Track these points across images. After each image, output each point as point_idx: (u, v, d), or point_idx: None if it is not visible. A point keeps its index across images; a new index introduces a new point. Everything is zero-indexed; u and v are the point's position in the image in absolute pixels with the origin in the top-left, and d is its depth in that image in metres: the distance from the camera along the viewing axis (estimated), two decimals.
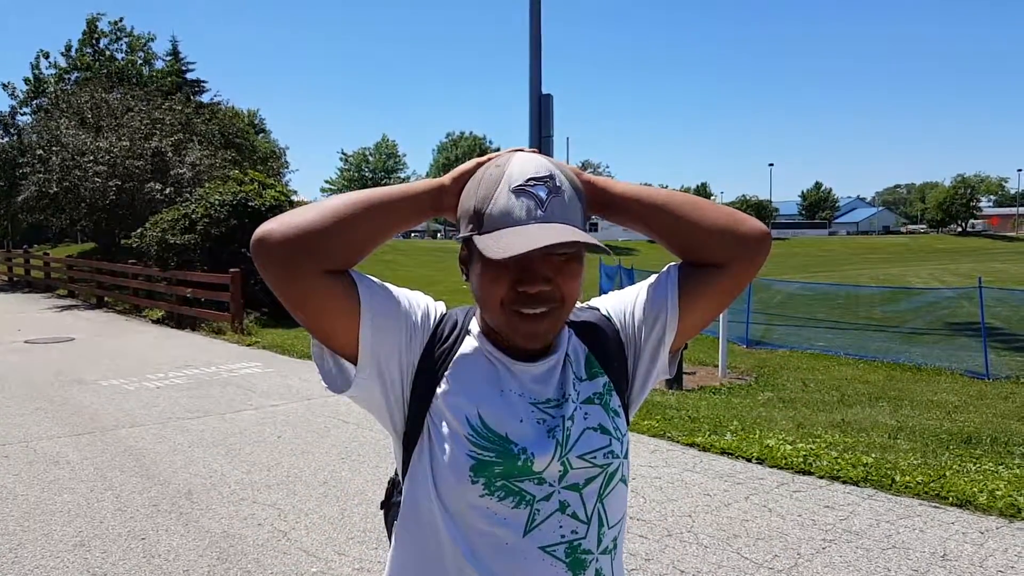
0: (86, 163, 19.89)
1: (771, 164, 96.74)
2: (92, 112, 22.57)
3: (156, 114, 22.85)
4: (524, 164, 1.07)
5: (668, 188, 1.31)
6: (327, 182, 76.08)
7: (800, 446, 5.34)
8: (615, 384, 1.19)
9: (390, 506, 1.29)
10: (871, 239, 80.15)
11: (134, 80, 33.03)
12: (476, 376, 1.12)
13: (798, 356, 10.53)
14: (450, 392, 1.11)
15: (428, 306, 1.18)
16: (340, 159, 75.63)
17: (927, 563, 3.58)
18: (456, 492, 1.08)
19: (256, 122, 43.93)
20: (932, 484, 4.53)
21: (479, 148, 67.44)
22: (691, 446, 5.55)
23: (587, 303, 1.29)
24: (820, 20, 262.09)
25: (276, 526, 4.18)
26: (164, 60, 38.49)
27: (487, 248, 1.02)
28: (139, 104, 23.44)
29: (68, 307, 17.46)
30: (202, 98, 36.18)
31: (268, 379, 8.52)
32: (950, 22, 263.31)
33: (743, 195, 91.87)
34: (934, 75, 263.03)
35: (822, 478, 4.80)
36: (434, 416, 1.11)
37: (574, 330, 1.20)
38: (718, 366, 8.97)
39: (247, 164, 23.57)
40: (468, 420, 1.09)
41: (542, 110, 8.73)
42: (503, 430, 1.08)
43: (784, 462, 5.06)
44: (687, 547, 3.81)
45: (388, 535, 1.27)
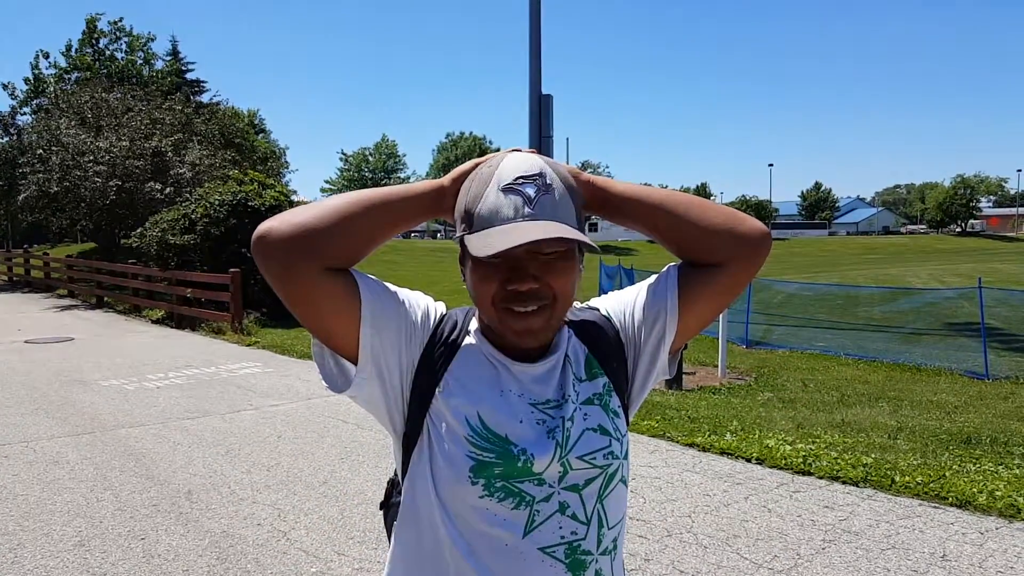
0: (86, 163, 19.90)
1: (771, 164, 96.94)
2: (92, 112, 22.58)
3: (156, 114, 22.86)
4: (515, 163, 1.08)
5: (668, 188, 1.31)
6: (327, 182, 76.17)
7: (800, 446, 5.34)
8: (615, 385, 1.18)
9: (390, 506, 1.29)
10: (871, 239, 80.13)
11: (134, 80, 33.04)
12: (476, 377, 1.12)
13: (798, 356, 10.53)
14: (450, 393, 1.11)
15: (428, 306, 1.18)
16: (340, 159, 75.80)
17: (927, 563, 3.58)
18: (456, 493, 1.08)
19: (256, 122, 43.94)
20: (932, 484, 4.53)
21: (479, 148, 67.41)
22: (691, 446, 5.55)
23: (587, 303, 1.29)
24: (820, 20, 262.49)
25: (276, 526, 4.18)
26: (164, 60, 38.54)
27: (473, 247, 1.03)
28: (139, 104, 23.46)
29: (68, 307, 17.46)
30: (202, 98, 36.22)
31: (268, 379, 8.53)
32: (950, 22, 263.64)
33: (743, 195, 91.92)
34: (934, 75, 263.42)
35: (822, 478, 4.80)
36: (434, 417, 1.11)
37: (574, 330, 1.20)
38: (718, 366, 8.97)
39: (247, 164, 23.56)
40: (468, 421, 1.09)
41: (542, 110, 8.73)
42: (503, 431, 1.08)
43: (784, 462, 5.06)
44: (687, 547, 3.81)
45: (388, 535, 1.26)
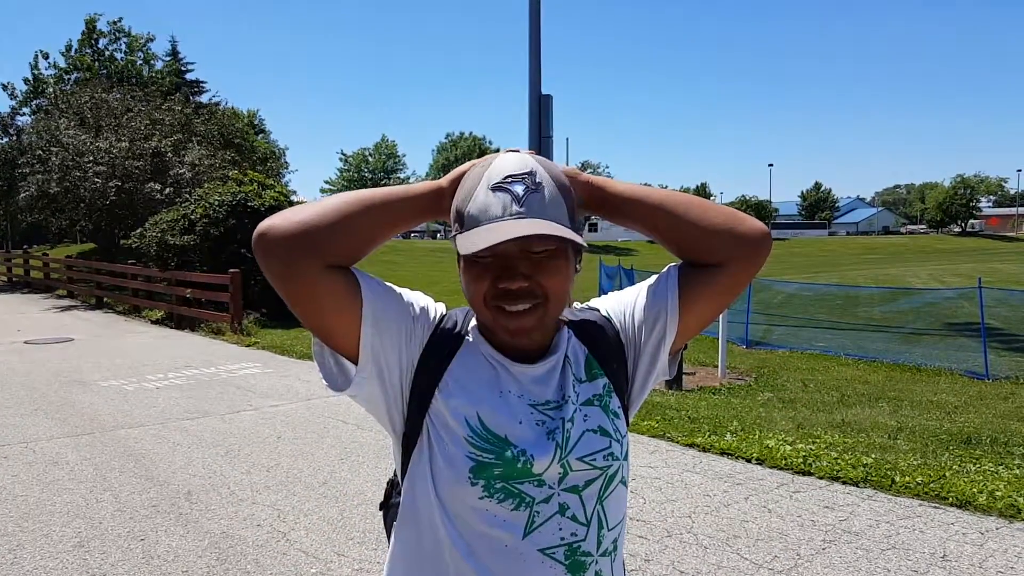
0: (86, 163, 19.90)
1: (771, 164, 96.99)
2: (92, 112, 22.58)
3: (156, 115, 22.86)
4: (505, 162, 1.08)
5: (668, 188, 1.30)
6: (327, 182, 76.18)
7: (800, 447, 5.34)
8: (615, 385, 1.18)
9: (389, 507, 1.29)
10: (871, 239, 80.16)
11: (133, 80, 33.06)
12: (475, 378, 1.12)
13: (798, 356, 10.52)
14: (449, 393, 1.11)
15: (429, 306, 1.18)
16: (340, 159, 75.82)
17: (927, 564, 3.58)
18: (456, 494, 1.07)
19: (256, 122, 43.96)
20: (932, 485, 4.53)
21: (479, 148, 67.40)
22: (691, 447, 5.55)
23: (587, 304, 1.29)
24: (820, 20, 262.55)
25: (275, 527, 4.18)
26: (163, 60, 38.57)
27: (461, 245, 1.03)
28: (139, 105, 23.46)
29: (67, 308, 17.46)
30: (201, 98, 36.24)
31: (267, 380, 8.52)
32: (950, 22, 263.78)
33: (743, 195, 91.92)
34: (934, 75, 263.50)
35: (822, 479, 4.80)
36: (433, 417, 1.11)
37: (574, 331, 1.20)
38: (718, 366, 8.96)
39: (247, 164, 23.56)
40: (467, 422, 1.08)
41: (542, 110, 8.72)
42: (502, 432, 1.08)
43: (784, 463, 5.06)
44: (687, 548, 3.81)
45: (387, 536, 1.26)
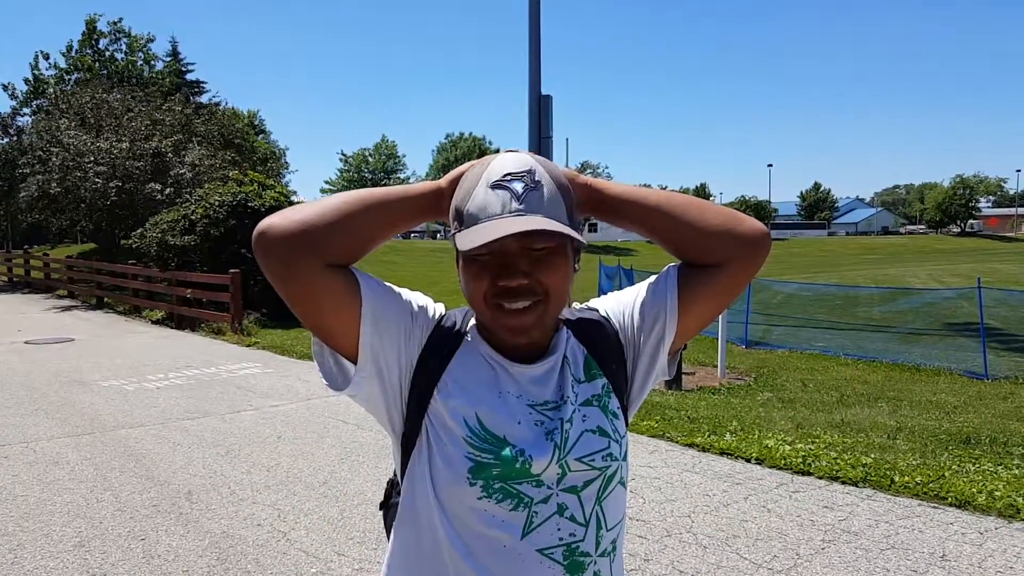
0: (86, 164, 19.90)
1: (770, 165, 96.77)
2: (92, 113, 22.58)
3: (156, 115, 22.87)
4: (504, 160, 1.08)
5: (667, 189, 1.31)
6: (327, 183, 76.16)
7: (799, 446, 5.34)
8: (614, 386, 1.18)
9: (389, 507, 1.29)
10: (870, 240, 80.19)
11: (134, 81, 33.06)
12: (474, 378, 1.12)
13: (797, 356, 10.52)
14: (448, 394, 1.11)
15: (428, 306, 1.18)
16: (340, 160, 75.80)
17: (926, 563, 3.58)
18: (454, 494, 1.08)
19: (256, 123, 43.96)
20: (931, 485, 4.54)
21: (479, 149, 67.34)
22: (690, 446, 5.56)
23: (586, 304, 1.29)
24: (820, 20, 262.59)
25: (276, 527, 4.18)
26: (164, 61, 38.57)
27: (460, 242, 1.03)
28: (139, 105, 23.47)
29: (68, 308, 17.46)
30: (201, 99, 36.24)
31: (268, 380, 8.53)
32: (950, 22, 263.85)
33: (742, 196, 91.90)
34: (934, 75, 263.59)
35: (821, 478, 4.81)
36: (432, 417, 1.11)
37: (573, 331, 1.20)
38: (717, 366, 8.97)
39: (247, 165, 23.56)
40: (466, 422, 1.09)
41: (542, 111, 8.72)
42: (501, 432, 1.08)
43: (783, 462, 5.06)
44: (686, 547, 3.82)
45: (387, 536, 1.26)
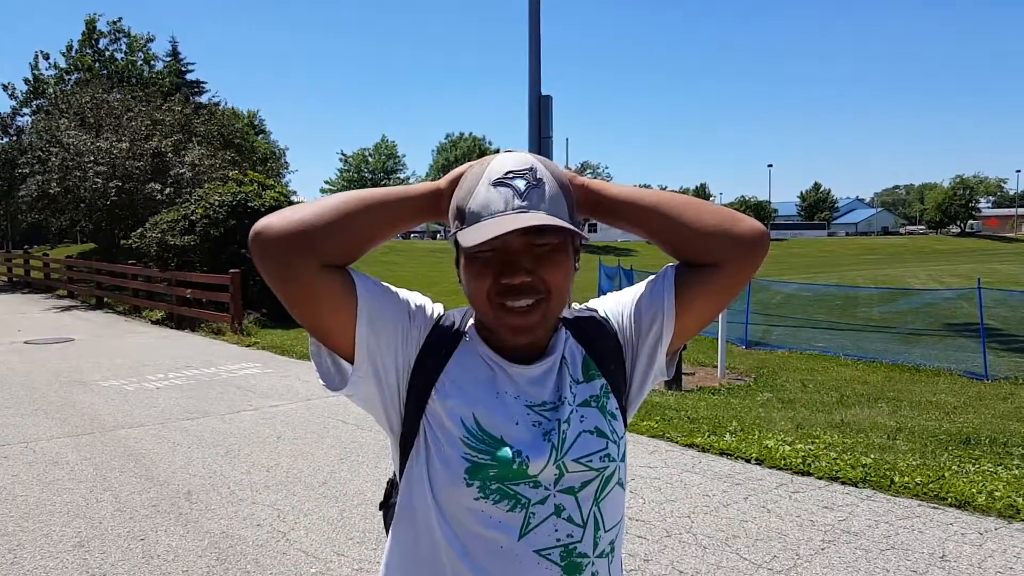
0: (86, 164, 19.90)
1: (770, 165, 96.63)
2: (92, 113, 22.58)
3: (156, 115, 22.86)
4: (505, 159, 1.09)
5: (666, 189, 1.31)
6: (327, 183, 76.11)
7: (799, 447, 5.34)
8: (613, 386, 1.18)
9: (389, 507, 1.29)
10: (870, 240, 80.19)
11: (134, 81, 33.06)
12: (472, 378, 1.12)
13: (797, 357, 10.52)
14: (446, 394, 1.11)
15: (426, 306, 1.18)
16: (340, 160, 75.75)
17: (926, 564, 3.58)
18: (451, 494, 1.08)
19: (256, 123, 43.95)
20: (931, 485, 4.54)
21: (479, 149, 67.30)
22: (690, 447, 5.56)
23: (585, 304, 1.29)
24: (820, 20, 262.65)
25: (275, 527, 4.18)
26: (164, 61, 38.56)
27: (463, 239, 1.03)
28: (139, 105, 23.46)
29: (68, 308, 17.46)
30: (201, 99, 36.23)
31: (267, 380, 8.52)
32: (950, 22, 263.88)
33: (742, 196, 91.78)
34: (933, 76, 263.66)
35: (821, 479, 4.80)
36: (430, 418, 1.11)
37: (571, 332, 1.20)
38: (717, 367, 8.97)
39: (246, 165, 23.56)
40: (463, 422, 1.09)
41: (541, 111, 8.72)
42: (498, 433, 1.08)
43: (783, 463, 5.06)
44: (686, 548, 3.81)
45: (387, 536, 1.27)
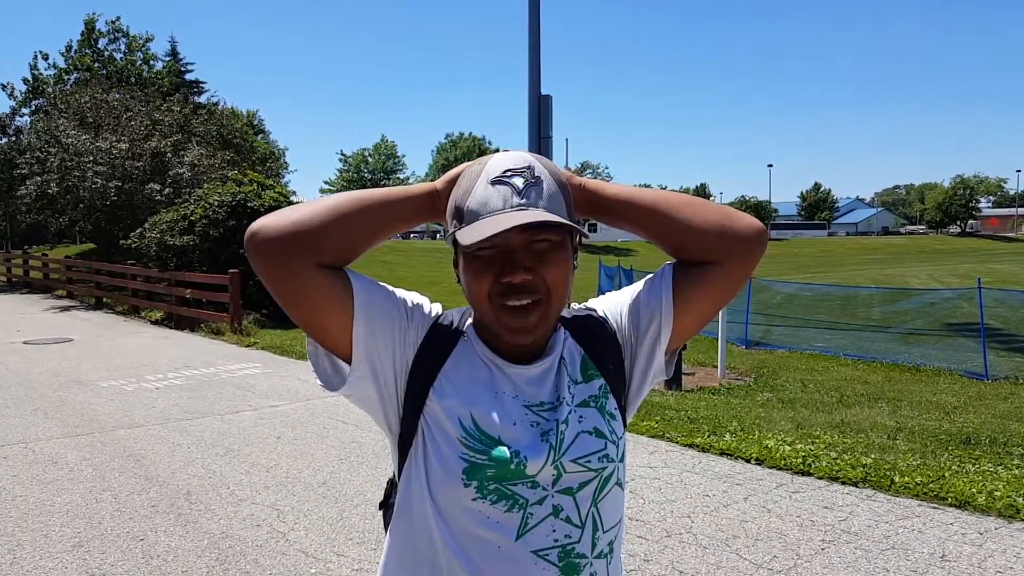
0: (85, 164, 19.88)
1: (770, 165, 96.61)
2: (92, 112, 22.56)
3: (155, 115, 22.85)
4: (503, 158, 1.09)
5: (666, 189, 1.31)
6: (326, 183, 75.95)
7: (799, 447, 5.34)
8: (611, 386, 1.18)
9: (388, 507, 1.28)
10: (870, 240, 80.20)
11: (133, 81, 33.03)
12: (470, 378, 1.12)
13: (797, 357, 10.52)
14: (443, 393, 1.11)
15: (424, 306, 1.18)
16: (339, 160, 75.65)
17: (926, 564, 3.58)
18: (449, 494, 1.07)
19: (255, 123, 43.91)
20: (931, 485, 4.53)
21: (479, 149, 67.29)
22: (690, 447, 5.55)
23: (583, 304, 1.29)
24: (819, 20, 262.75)
25: (275, 527, 4.18)
26: (163, 61, 38.54)
27: (462, 238, 1.03)
28: (138, 105, 23.45)
29: (67, 308, 17.45)
30: (200, 99, 36.21)
31: (267, 380, 8.52)
32: (950, 22, 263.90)
33: (742, 196, 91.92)
34: (933, 76, 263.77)
35: (821, 479, 4.80)
36: (428, 418, 1.11)
37: (570, 332, 1.20)
38: (717, 367, 8.96)
39: (246, 165, 23.54)
40: (461, 422, 1.08)
41: (541, 111, 8.71)
42: (496, 433, 1.07)
43: (783, 463, 5.06)
44: (686, 548, 3.81)
45: (386, 536, 1.26)
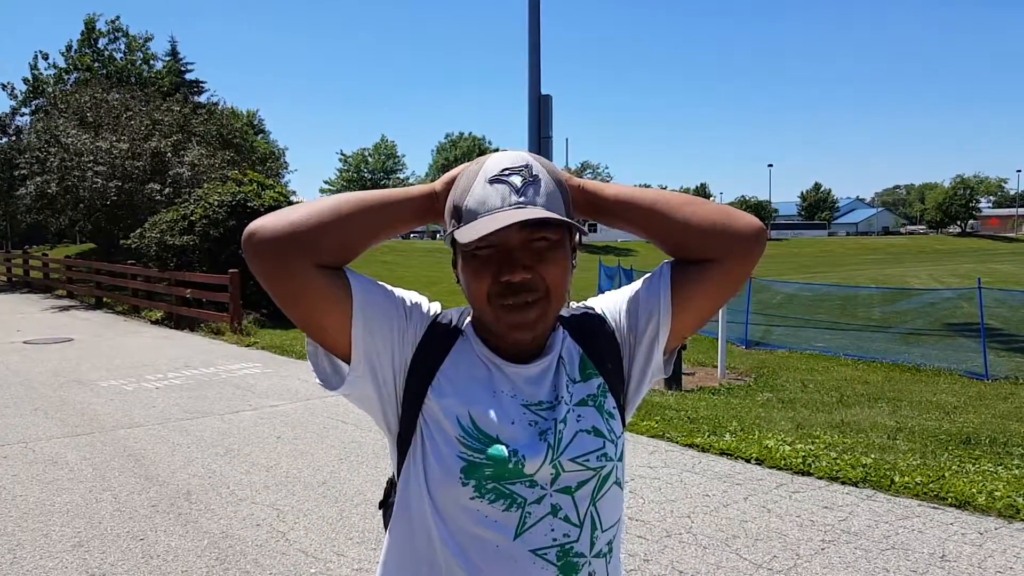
0: (85, 163, 19.88)
1: (770, 165, 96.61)
2: (92, 112, 22.55)
3: (155, 115, 22.84)
4: (500, 157, 1.09)
5: (666, 189, 1.30)
6: (326, 182, 75.92)
7: (799, 447, 5.34)
8: (610, 385, 1.18)
9: (388, 506, 1.28)
10: (870, 240, 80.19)
11: (133, 80, 33.03)
12: (468, 377, 1.12)
13: (797, 357, 10.52)
14: (442, 393, 1.11)
15: (423, 305, 1.18)
16: (339, 160, 75.61)
17: (926, 564, 3.58)
18: (447, 494, 1.07)
19: (255, 123, 43.90)
20: (931, 485, 4.53)
21: (479, 149, 67.27)
22: (690, 447, 5.55)
23: (582, 303, 1.29)
24: (819, 20, 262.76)
25: (275, 527, 4.18)
26: (163, 60, 38.54)
27: (460, 236, 1.03)
28: (138, 105, 23.44)
29: (67, 308, 17.44)
30: (200, 99, 36.19)
31: (267, 380, 8.52)
32: (950, 22, 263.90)
33: (743, 196, 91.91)
34: (933, 76, 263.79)
35: (821, 479, 4.80)
36: (426, 417, 1.11)
37: (568, 331, 1.20)
38: (717, 367, 8.96)
39: (246, 165, 23.53)
40: (459, 421, 1.08)
41: (541, 111, 8.71)
42: (494, 432, 1.07)
43: (783, 463, 5.06)
44: (686, 548, 3.81)
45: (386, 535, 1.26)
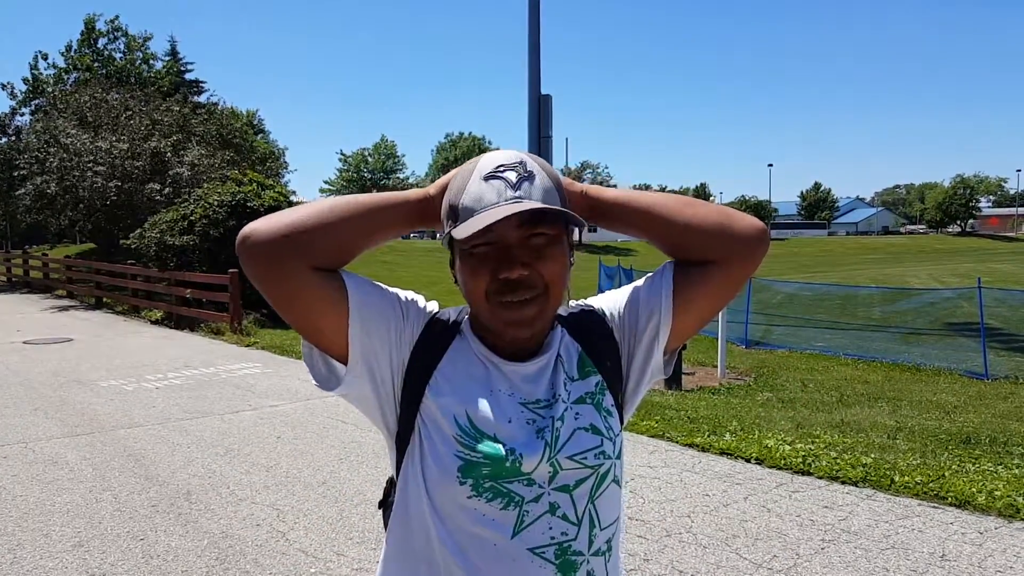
0: (85, 163, 19.87)
1: (770, 165, 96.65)
2: (91, 112, 22.55)
3: (155, 115, 22.83)
4: (495, 155, 1.09)
5: (666, 189, 1.31)
6: (326, 182, 75.95)
7: (799, 446, 5.34)
8: (608, 383, 1.18)
9: (388, 506, 1.28)
10: (870, 239, 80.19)
11: (133, 80, 33.02)
12: (466, 376, 1.12)
13: (797, 356, 10.53)
14: (440, 392, 1.11)
15: (419, 303, 1.18)
16: (339, 160, 75.60)
17: (926, 563, 3.58)
18: (445, 492, 1.07)
19: (255, 122, 43.90)
20: (931, 484, 4.53)
21: (479, 148, 67.31)
22: (690, 446, 5.55)
23: (581, 302, 1.29)
24: (819, 20, 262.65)
25: (275, 527, 4.18)
26: (163, 60, 38.55)
27: (457, 233, 1.03)
28: (138, 105, 23.43)
29: (67, 308, 17.45)
30: (200, 98, 36.19)
31: (267, 380, 8.52)
32: (950, 22, 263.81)
33: (742, 196, 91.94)
34: (933, 75, 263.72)
35: (821, 478, 4.80)
36: (424, 416, 1.11)
37: (567, 329, 1.20)
38: (717, 366, 8.97)
39: (246, 164, 23.52)
40: (456, 420, 1.08)
41: (541, 110, 8.72)
42: (491, 430, 1.07)
43: (783, 462, 5.06)
44: (686, 547, 3.81)
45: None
